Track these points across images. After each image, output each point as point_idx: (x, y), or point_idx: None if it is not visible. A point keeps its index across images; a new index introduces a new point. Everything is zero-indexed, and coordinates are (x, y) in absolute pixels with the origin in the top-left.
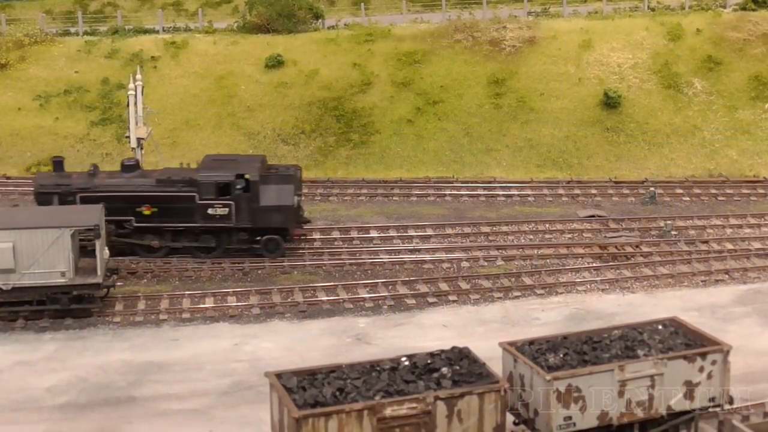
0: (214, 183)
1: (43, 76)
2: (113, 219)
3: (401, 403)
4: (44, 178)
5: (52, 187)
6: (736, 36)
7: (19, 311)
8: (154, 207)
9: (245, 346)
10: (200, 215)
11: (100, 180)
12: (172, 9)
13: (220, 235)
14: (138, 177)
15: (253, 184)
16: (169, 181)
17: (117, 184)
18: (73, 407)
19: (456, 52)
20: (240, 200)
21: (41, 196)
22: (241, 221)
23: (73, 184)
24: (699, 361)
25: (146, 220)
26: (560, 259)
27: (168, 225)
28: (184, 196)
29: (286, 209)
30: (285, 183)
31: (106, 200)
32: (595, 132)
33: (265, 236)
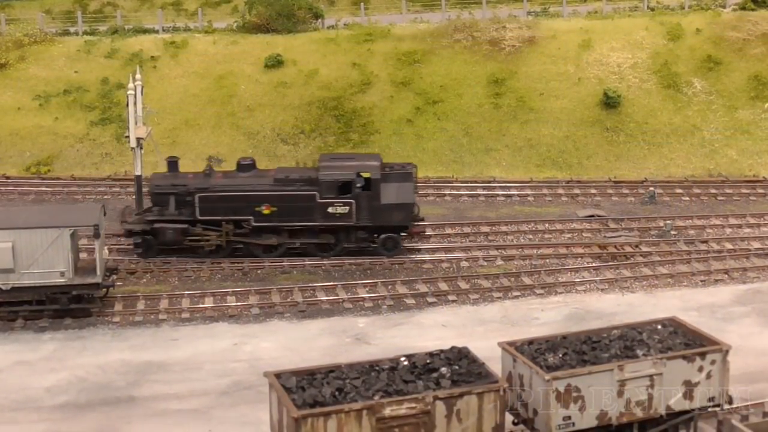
0: (335, 181)
1: (43, 75)
2: (231, 219)
3: (400, 403)
4: (160, 178)
5: (168, 187)
6: (735, 36)
7: (19, 311)
8: (273, 206)
9: (245, 345)
10: (320, 214)
11: (217, 180)
12: (172, 9)
13: (338, 233)
14: (255, 176)
15: (374, 183)
16: (288, 180)
17: (235, 184)
18: (72, 407)
19: (456, 51)
20: (360, 198)
21: (157, 197)
22: (361, 219)
23: (190, 184)
24: (698, 360)
25: (265, 220)
26: (560, 258)
27: (287, 224)
28: (305, 195)
29: (406, 207)
30: (405, 181)
31: (225, 200)
32: (595, 132)
33: (383, 235)
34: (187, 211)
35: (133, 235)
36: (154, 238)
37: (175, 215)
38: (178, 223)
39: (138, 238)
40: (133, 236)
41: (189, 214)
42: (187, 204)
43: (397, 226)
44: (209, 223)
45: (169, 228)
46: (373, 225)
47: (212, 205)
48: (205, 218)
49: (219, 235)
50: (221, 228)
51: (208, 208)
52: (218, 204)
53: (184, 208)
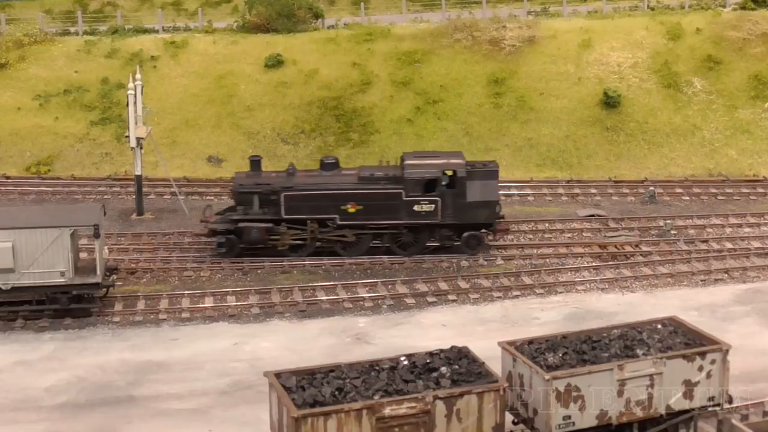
0: (421, 179)
1: (43, 75)
2: (316, 217)
3: (400, 403)
4: (243, 177)
5: (252, 186)
6: (735, 35)
7: (19, 311)
8: (359, 205)
9: (245, 345)
10: (405, 212)
11: (301, 178)
12: (172, 8)
13: (422, 231)
14: (339, 175)
15: (460, 180)
16: (373, 179)
17: (321, 183)
18: (72, 407)
19: (456, 51)
20: (446, 196)
21: (241, 196)
22: (446, 217)
23: (275, 183)
24: (698, 360)
25: (351, 218)
26: (560, 258)
27: (373, 222)
28: (391, 193)
29: (491, 205)
30: (490, 179)
31: (310, 199)
32: (595, 131)
33: (466, 233)
34: (272, 210)
35: (217, 234)
36: (237, 237)
37: (260, 214)
38: (263, 222)
39: (222, 238)
40: (217, 236)
41: (274, 213)
42: (271, 203)
43: (481, 223)
44: (294, 222)
45: (254, 227)
46: (458, 223)
47: (298, 204)
48: (291, 217)
49: (303, 233)
50: (306, 227)
51: (294, 207)
52: (304, 203)
53: (269, 207)
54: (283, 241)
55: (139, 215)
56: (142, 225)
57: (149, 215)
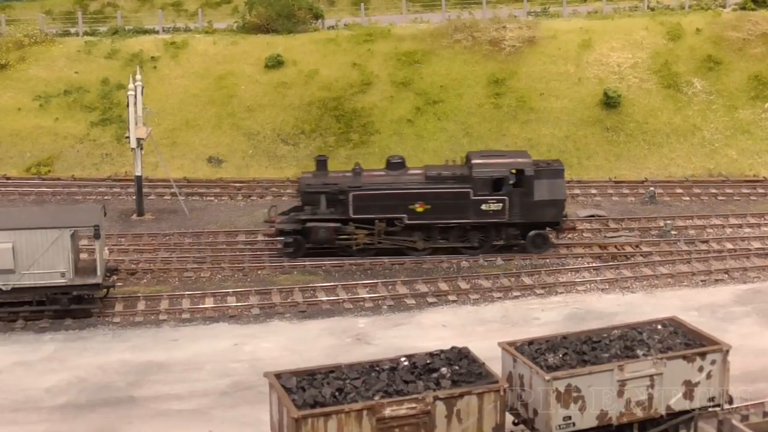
0: (489, 178)
1: (43, 76)
2: (385, 217)
3: (400, 403)
4: (310, 177)
5: (319, 186)
6: (735, 36)
7: (19, 312)
8: (427, 204)
9: (245, 346)
10: (473, 211)
11: (369, 178)
12: (172, 9)
13: (488, 230)
14: (406, 174)
15: (528, 179)
16: (440, 178)
17: (388, 182)
18: (72, 408)
19: (456, 52)
20: (513, 195)
21: (308, 196)
22: (513, 216)
23: (342, 182)
24: (698, 360)
25: (419, 218)
26: (560, 258)
27: (441, 222)
28: (459, 192)
29: (559, 203)
30: (557, 177)
31: (378, 198)
32: (595, 132)
33: (532, 232)
34: (340, 210)
35: (285, 234)
36: (304, 237)
37: (327, 214)
38: (331, 222)
39: (289, 238)
40: (284, 236)
41: (341, 212)
42: (339, 203)
43: (548, 222)
44: (362, 222)
45: (322, 227)
46: (525, 222)
47: (366, 203)
48: (359, 216)
49: (371, 233)
50: (373, 226)
51: (362, 207)
52: (372, 202)
53: (336, 207)
54: (358, 240)
55: (139, 216)
56: (142, 226)
57: (149, 216)
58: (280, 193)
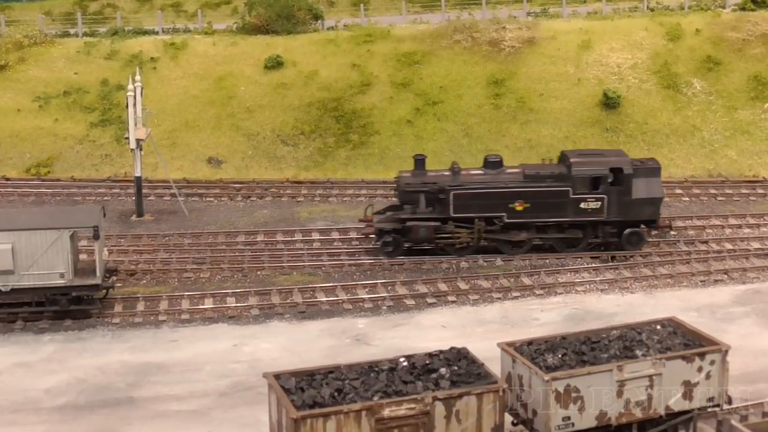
0: (588, 177)
1: (43, 77)
2: (484, 215)
3: (399, 404)
4: (409, 176)
5: (418, 185)
6: (735, 36)
7: (18, 312)
8: (527, 203)
9: (244, 347)
10: (572, 209)
11: (468, 177)
12: (172, 10)
13: (586, 229)
14: (505, 173)
15: (626, 177)
16: (539, 177)
17: (488, 181)
18: (72, 408)
19: (455, 52)
20: (611, 194)
21: (407, 195)
22: (611, 214)
23: (441, 181)
24: (697, 361)
25: (518, 216)
26: (559, 259)
27: (539, 220)
28: (559, 190)
29: (656, 201)
30: (654, 176)
31: (478, 197)
32: (595, 132)
33: (628, 230)
34: (439, 209)
35: (384, 233)
36: (402, 236)
37: (427, 213)
38: (431, 221)
39: (388, 237)
40: (384, 235)
41: (441, 211)
42: (439, 202)
43: (645, 220)
44: (462, 221)
45: (422, 226)
46: (623, 220)
47: (466, 202)
48: (459, 215)
49: (470, 232)
50: (473, 225)
51: (462, 206)
52: (472, 201)
53: (436, 206)
54: (458, 239)
55: (138, 217)
56: (141, 226)
57: (149, 217)
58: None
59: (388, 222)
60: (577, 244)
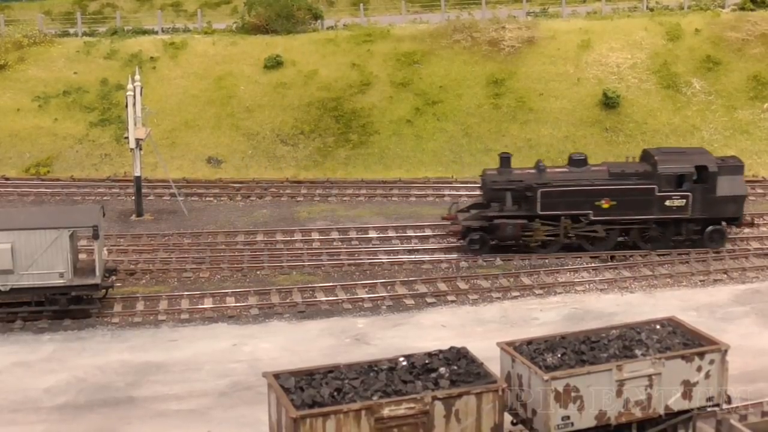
0: (674, 175)
1: (42, 76)
2: (571, 213)
3: (399, 403)
4: (495, 174)
5: (505, 183)
6: (734, 36)
7: (18, 312)
8: (612, 200)
9: (244, 346)
10: (657, 207)
11: (554, 175)
12: (171, 10)
13: (669, 226)
14: (590, 171)
15: (711, 175)
16: (624, 174)
17: (574, 179)
18: (71, 408)
19: (455, 52)
20: (696, 191)
21: (494, 192)
22: (695, 212)
23: (527, 179)
24: (697, 360)
25: (604, 214)
26: (559, 258)
27: (625, 218)
28: (644, 188)
29: (739, 199)
30: (737, 173)
31: (565, 195)
32: (594, 132)
33: (710, 227)
34: (526, 207)
35: (471, 231)
36: (488, 234)
37: (513, 211)
38: (518, 219)
39: (475, 235)
40: (470, 233)
41: (527, 209)
42: (525, 199)
43: (728, 218)
44: (548, 218)
45: (510, 223)
46: (706, 217)
47: (553, 200)
48: (546, 213)
49: (556, 229)
50: (558, 222)
51: (549, 203)
52: (559, 199)
53: (522, 204)
54: (536, 237)
55: (138, 216)
56: (141, 226)
57: (148, 216)
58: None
59: (475, 220)
60: (660, 241)
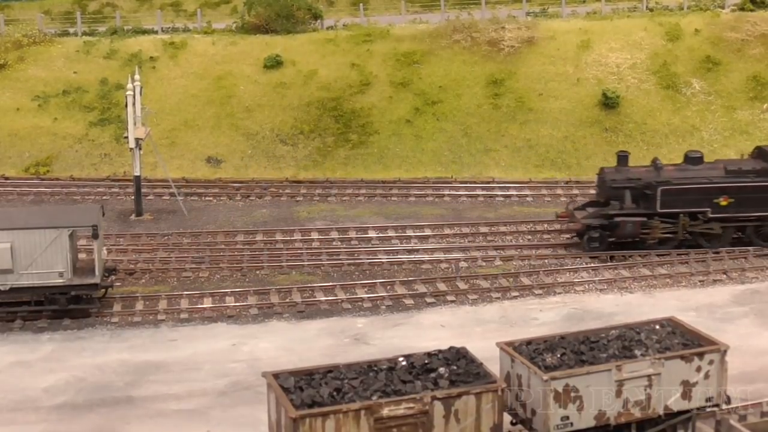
0: None
1: (42, 76)
2: (689, 211)
3: (398, 403)
4: (614, 172)
5: (624, 181)
6: (734, 36)
7: (18, 312)
8: (731, 198)
9: (243, 346)
10: None
11: (672, 173)
12: (171, 9)
13: None
14: (707, 168)
15: None
16: (741, 172)
17: (692, 177)
18: (70, 408)
19: (455, 52)
20: None
21: (612, 191)
22: None
23: (646, 177)
24: (696, 360)
25: (722, 211)
26: (558, 259)
27: (742, 215)
28: (762, 185)
29: None
30: None
31: (685, 193)
32: (594, 132)
33: None
34: (645, 205)
35: (591, 229)
36: (608, 231)
37: (632, 209)
38: (637, 217)
39: (595, 233)
40: (590, 231)
41: (647, 207)
42: (644, 197)
43: None
44: (667, 216)
45: (630, 221)
46: None
47: (673, 198)
48: (665, 211)
49: (674, 226)
50: (676, 220)
51: (669, 201)
52: (678, 197)
53: (641, 202)
54: (654, 234)
55: (137, 216)
56: (140, 226)
57: (148, 216)
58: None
59: (595, 218)
60: None
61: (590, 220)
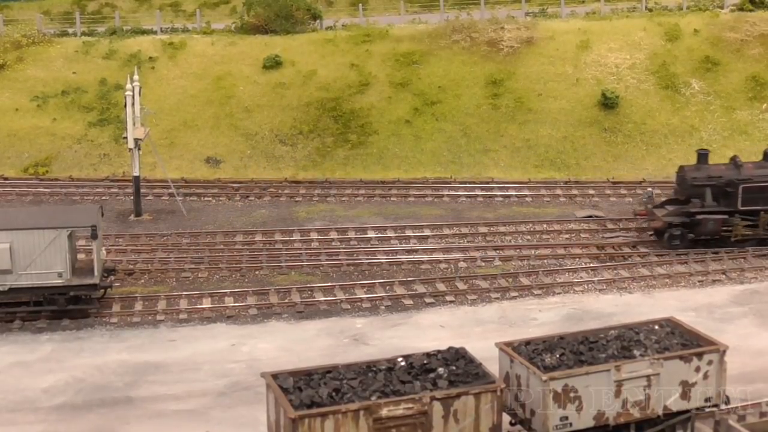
0: None
1: (41, 76)
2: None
3: (397, 404)
4: (693, 170)
5: (705, 179)
6: (733, 36)
7: (17, 312)
8: None
9: (242, 346)
10: None
11: (753, 171)
12: (170, 10)
13: None
14: None
15: None
16: None
17: None
18: (69, 408)
19: (454, 52)
20: None
21: (693, 189)
22: None
23: (726, 175)
24: (695, 361)
25: None
26: (558, 259)
27: None
28: None
29: None
30: None
31: (765, 190)
32: (593, 132)
33: None
34: (725, 202)
35: (673, 227)
36: (688, 229)
37: (713, 206)
38: (718, 214)
39: (676, 230)
40: (671, 228)
41: (727, 204)
42: (724, 195)
43: None
44: (748, 213)
45: (711, 219)
46: None
47: (754, 195)
48: (746, 208)
49: (755, 224)
50: (756, 218)
51: (750, 199)
52: (759, 194)
53: (721, 199)
54: (736, 232)
55: (137, 216)
56: (140, 226)
57: (147, 216)
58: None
59: (676, 216)
60: None
61: (672, 218)
